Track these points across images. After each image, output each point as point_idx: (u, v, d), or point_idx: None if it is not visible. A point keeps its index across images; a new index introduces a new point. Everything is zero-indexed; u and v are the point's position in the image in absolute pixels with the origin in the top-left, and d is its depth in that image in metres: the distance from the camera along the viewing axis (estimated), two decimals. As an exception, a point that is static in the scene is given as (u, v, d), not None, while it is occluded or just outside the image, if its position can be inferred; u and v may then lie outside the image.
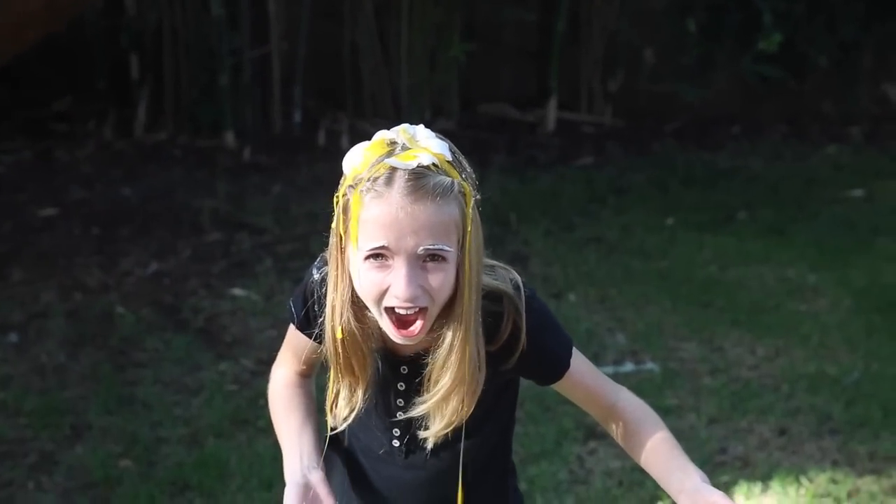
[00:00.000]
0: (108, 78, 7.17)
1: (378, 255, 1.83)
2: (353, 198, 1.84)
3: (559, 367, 2.05)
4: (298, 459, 2.08)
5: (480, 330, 1.94)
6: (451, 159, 1.86)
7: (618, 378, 4.33)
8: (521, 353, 1.98)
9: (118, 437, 4.05)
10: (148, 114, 7.08)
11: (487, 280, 1.96)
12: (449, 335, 1.90)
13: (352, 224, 1.83)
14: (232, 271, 5.37)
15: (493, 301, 1.96)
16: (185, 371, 4.49)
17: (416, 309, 1.86)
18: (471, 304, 1.89)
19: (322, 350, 2.01)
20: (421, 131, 1.88)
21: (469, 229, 1.85)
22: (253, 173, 6.57)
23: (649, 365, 4.54)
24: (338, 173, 1.90)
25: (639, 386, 4.35)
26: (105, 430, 4.10)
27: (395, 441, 2.08)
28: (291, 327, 2.14)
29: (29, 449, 4.01)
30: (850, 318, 4.95)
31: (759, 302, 5.11)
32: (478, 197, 1.90)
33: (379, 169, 1.83)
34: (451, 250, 1.84)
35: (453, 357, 1.91)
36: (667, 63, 7.48)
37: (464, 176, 1.88)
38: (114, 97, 7.16)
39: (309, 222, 5.64)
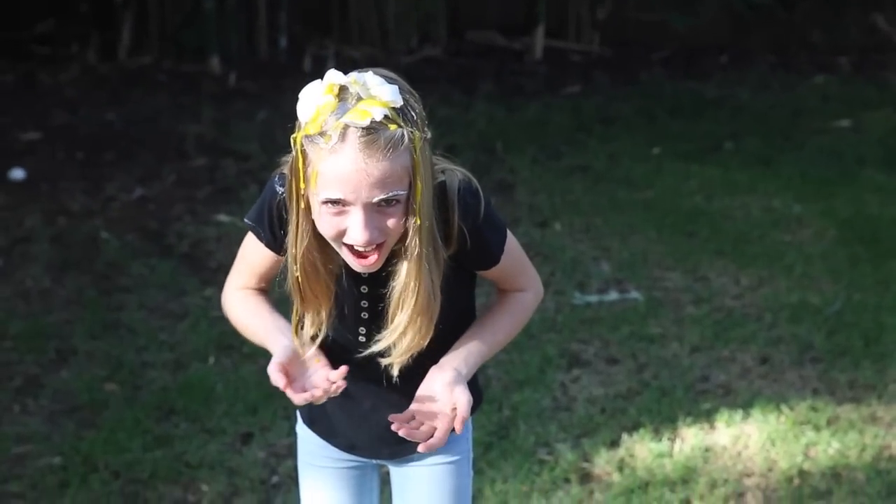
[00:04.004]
0: (91, 0, 7.09)
1: (335, 202, 1.92)
2: (310, 150, 1.92)
3: (490, 260, 2.13)
4: (283, 336, 2.12)
5: (433, 256, 2.00)
6: (401, 105, 1.91)
7: (602, 307, 4.40)
8: (460, 247, 2.07)
9: (103, 362, 4.06)
10: (132, 37, 7.01)
11: (437, 173, 2.04)
12: (403, 273, 2.01)
13: (311, 174, 1.93)
14: (217, 197, 5.36)
15: (441, 205, 2.02)
16: (170, 296, 4.49)
17: (374, 246, 1.96)
18: (422, 242, 1.98)
19: (283, 263, 2.08)
20: (371, 78, 1.93)
21: (419, 172, 1.93)
22: (238, 99, 6.53)
23: (633, 294, 4.55)
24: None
25: (623, 315, 4.37)
26: (90, 355, 4.11)
27: (361, 347, 2.12)
28: (251, 244, 2.17)
29: (14, 372, 4.02)
30: (834, 248, 4.97)
31: (743, 232, 5.12)
32: (427, 136, 1.97)
33: (333, 126, 1.88)
34: (403, 193, 1.94)
35: (409, 294, 2.02)
36: (655, -9, 7.43)
37: (414, 118, 1.94)
38: (97, 20, 7.08)
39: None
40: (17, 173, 5.41)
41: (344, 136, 1.88)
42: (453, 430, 2.05)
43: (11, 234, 4.99)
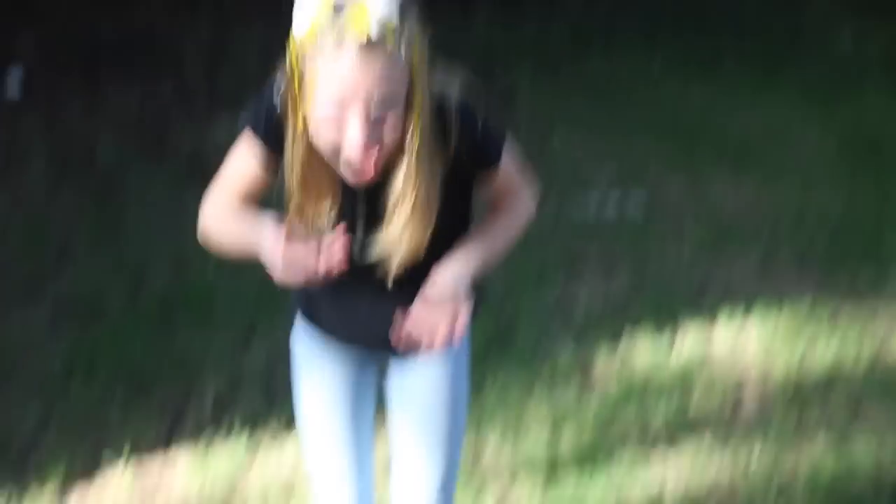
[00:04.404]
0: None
1: (332, 114, 1.91)
2: (306, 64, 1.90)
3: (489, 163, 2.11)
4: (270, 220, 2.05)
5: (431, 165, 2.01)
6: (398, 15, 1.89)
7: (602, 218, 4.40)
8: (458, 154, 2.05)
9: (104, 263, 4.06)
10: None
11: (436, 81, 2.01)
12: (399, 182, 1.99)
13: (308, 87, 1.91)
14: (215, 106, 5.33)
15: (439, 112, 2.01)
16: (168, 202, 4.48)
17: (370, 158, 1.95)
18: (419, 151, 1.97)
19: (279, 175, 2.06)
20: None
21: (416, 85, 1.92)
22: (236, 9, 6.47)
23: (633, 205, 4.55)
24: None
25: (622, 225, 4.38)
26: (91, 256, 4.11)
27: (358, 250, 2.12)
28: (241, 154, 2.12)
29: (14, 275, 4.02)
30: (835, 160, 4.97)
31: (744, 144, 5.12)
32: (426, 45, 1.93)
33: (329, 40, 1.87)
34: (400, 103, 1.92)
35: (404, 204, 2.01)
36: None
37: (412, 23, 1.91)
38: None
39: (293, 57, 5.55)
40: (14, 80, 5.37)
41: (339, 51, 1.86)
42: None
43: (8, 145, 4.96)
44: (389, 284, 2.10)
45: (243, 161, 2.12)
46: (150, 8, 6.44)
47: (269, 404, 3.35)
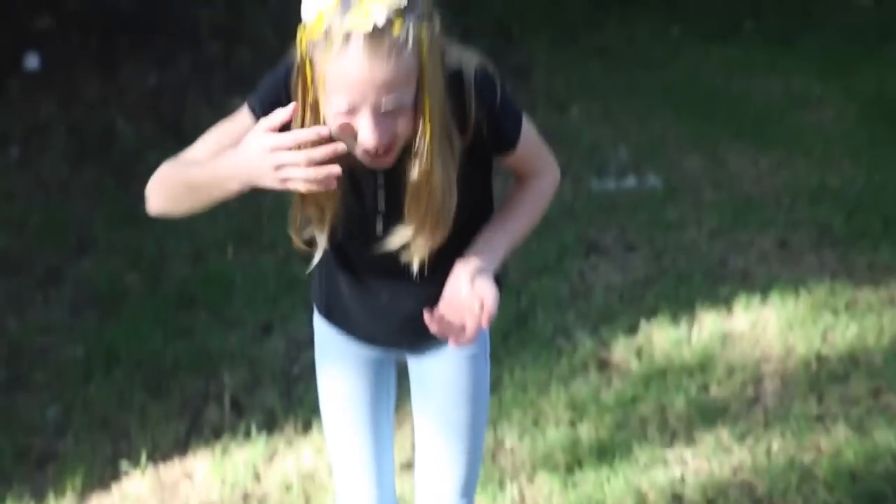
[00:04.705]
0: None
1: (344, 107, 1.89)
2: (315, 55, 1.88)
3: (507, 144, 2.10)
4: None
5: (447, 151, 1.99)
6: (405, 4, 1.86)
7: (620, 193, 4.39)
8: (477, 135, 2.04)
9: (124, 252, 4.08)
10: (142, -80, 6.89)
11: (451, 61, 1.99)
12: (414, 173, 1.98)
13: (318, 78, 1.89)
14: (232, 84, 5.31)
15: (456, 93, 1.99)
16: (187, 186, 4.48)
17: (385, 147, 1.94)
18: (432, 141, 1.95)
19: None
20: None
21: (426, 72, 1.90)
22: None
23: (651, 179, 4.53)
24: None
25: (641, 201, 4.36)
26: (111, 245, 4.13)
27: (378, 240, 2.11)
28: (239, 121, 2.04)
29: (35, 263, 4.04)
30: (855, 128, 4.93)
31: (763, 113, 5.07)
32: (436, 27, 1.91)
33: (336, 30, 1.85)
34: (411, 94, 1.91)
35: (421, 195, 1.99)
36: None
37: (420, 10, 1.89)
38: None
39: (309, 34, 5.53)
40: (32, 61, 5.38)
41: (347, 41, 1.84)
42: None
43: (28, 124, 4.98)
44: (414, 274, 2.09)
45: (238, 123, 2.03)
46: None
47: (287, 401, 3.36)
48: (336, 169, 1.87)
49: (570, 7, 6.25)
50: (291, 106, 1.90)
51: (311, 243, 2.09)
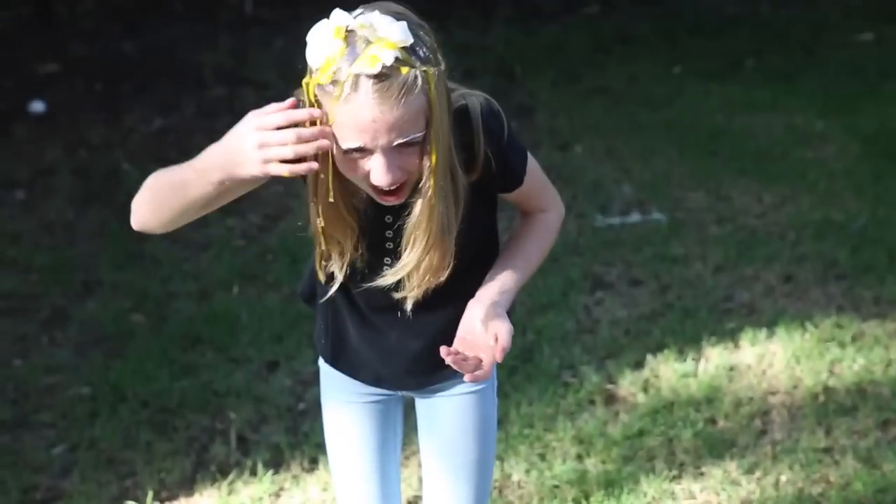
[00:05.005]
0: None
1: (354, 150, 1.90)
2: (323, 99, 1.88)
3: (514, 182, 2.12)
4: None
5: (451, 190, 2.00)
6: (411, 43, 1.88)
7: (624, 228, 4.39)
8: (484, 172, 2.05)
9: (129, 293, 4.08)
10: (147, -33, 6.96)
11: (457, 99, 2.02)
12: (416, 210, 1.99)
13: (327, 122, 1.89)
14: (236, 122, 5.33)
15: (463, 130, 1.99)
16: (192, 227, 4.45)
17: (397, 185, 1.95)
18: (436, 180, 1.96)
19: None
20: (378, 18, 1.88)
21: (434, 110, 1.91)
22: (255, 27, 6.49)
23: (656, 215, 4.54)
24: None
25: (646, 236, 4.36)
26: (115, 286, 4.13)
27: (388, 268, 2.11)
28: None
29: (41, 304, 4.05)
30: (858, 164, 4.94)
31: (766, 150, 5.09)
32: (441, 68, 1.93)
33: (344, 75, 1.86)
34: (421, 133, 1.92)
35: (420, 232, 2.00)
36: None
37: (426, 54, 1.91)
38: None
39: (312, 76, 5.56)
40: (38, 106, 5.42)
41: (356, 85, 1.85)
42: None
43: (33, 167, 5.00)
44: (408, 310, 2.09)
45: None
46: (170, 28, 6.46)
47: (294, 438, 3.35)
48: (324, 143, 1.85)
49: (572, 47, 6.29)
50: (289, 101, 1.86)
51: (330, 279, 2.09)
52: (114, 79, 5.85)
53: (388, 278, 2.06)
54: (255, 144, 1.84)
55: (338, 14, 1.90)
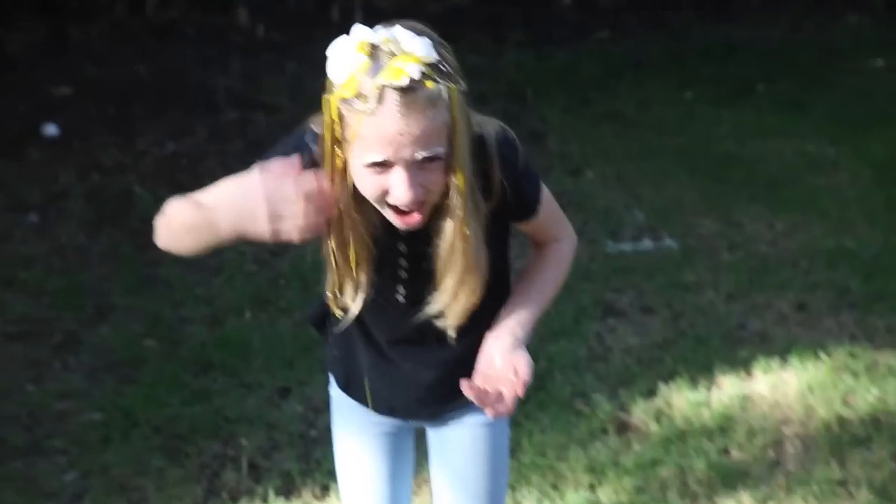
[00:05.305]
0: (119, -46, 7.07)
1: (377, 164, 1.89)
2: (347, 114, 1.88)
3: (529, 211, 2.11)
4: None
5: (475, 212, 1.99)
6: (435, 59, 1.88)
7: (636, 255, 4.39)
8: (499, 200, 2.04)
9: (141, 317, 4.08)
10: (159, -9, 7.00)
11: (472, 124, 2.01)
12: (447, 232, 1.98)
13: (350, 136, 1.88)
14: (249, 150, 5.35)
15: (479, 158, 2.00)
16: (204, 256, 4.49)
17: (418, 204, 1.94)
18: (464, 198, 1.95)
19: None
20: (401, 33, 1.88)
21: (457, 127, 1.90)
22: (266, 51, 6.51)
23: (667, 241, 4.54)
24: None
25: (657, 263, 4.36)
26: (128, 311, 4.13)
27: (400, 308, 2.11)
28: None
29: (54, 329, 4.05)
30: (870, 191, 4.93)
31: (777, 176, 5.09)
32: (463, 87, 1.92)
33: (370, 88, 1.85)
34: (443, 149, 1.91)
35: (456, 254, 1.99)
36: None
37: (449, 70, 1.90)
38: (125, -26, 7.07)
39: (324, 100, 5.58)
40: (51, 129, 5.44)
41: (382, 98, 1.84)
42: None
43: (47, 191, 5.01)
44: (452, 339, 2.08)
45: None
46: (183, 51, 6.48)
47: (305, 465, 3.35)
48: (333, 212, 1.85)
49: (584, 72, 6.30)
50: (295, 160, 1.85)
51: (344, 310, 2.09)
52: (127, 102, 5.87)
53: (433, 307, 2.05)
54: (265, 214, 1.82)
55: (359, 29, 1.89)
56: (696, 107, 5.86)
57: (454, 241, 1.97)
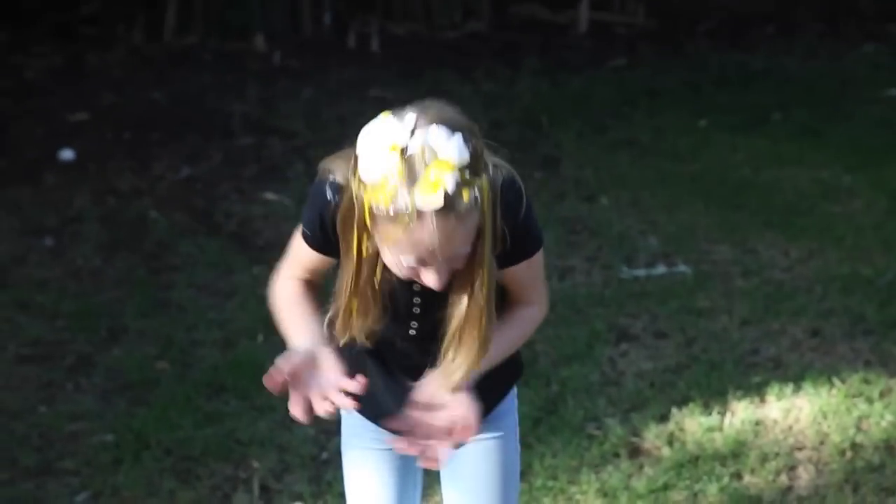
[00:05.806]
0: (137, -20, 7.12)
1: (407, 266, 1.96)
2: (380, 218, 1.90)
3: (520, 256, 2.11)
4: (306, 338, 2.09)
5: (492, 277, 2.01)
6: (469, 161, 1.87)
7: (650, 281, 4.38)
8: (501, 248, 2.06)
9: (154, 340, 4.09)
10: (177, 17, 7.03)
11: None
12: (463, 307, 2.01)
13: (382, 236, 1.92)
14: (264, 175, 5.38)
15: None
16: (218, 275, 4.52)
17: None
18: (486, 285, 1.99)
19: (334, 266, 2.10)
20: (435, 137, 1.86)
21: (486, 222, 1.93)
22: (283, 77, 6.54)
23: (682, 267, 4.53)
24: (367, 77, 1.92)
25: (671, 288, 4.35)
26: (141, 333, 4.14)
27: (412, 340, 2.12)
28: (302, 243, 2.15)
29: (67, 351, 4.06)
30: (886, 219, 4.92)
31: (792, 204, 5.08)
32: (490, 168, 1.93)
33: (406, 205, 1.85)
34: (471, 245, 1.95)
35: (471, 330, 2.02)
36: (701, -39, 7.36)
37: (480, 163, 1.90)
38: (142, 0, 7.11)
39: (339, 126, 5.61)
40: (67, 154, 5.47)
41: (421, 218, 1.86)
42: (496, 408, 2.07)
43: (62, 214, 5.03)
44: (469, 384, 2.09)
45: (303, 249, 2.15)
46: (199, 77, 6.52)
47: (317, 487, 3.35)
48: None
49: (598, 99, 6.31)
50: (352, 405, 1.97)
51: (352, 340, 2.12)
52: (142, 127, 5.90)
53: (452, 375, 2.06)
54: (321, 395, 1.98)
55: (391, 125, 1.88)
56: (711, 134, 5.85)
57: (471, 318, 2.01)
